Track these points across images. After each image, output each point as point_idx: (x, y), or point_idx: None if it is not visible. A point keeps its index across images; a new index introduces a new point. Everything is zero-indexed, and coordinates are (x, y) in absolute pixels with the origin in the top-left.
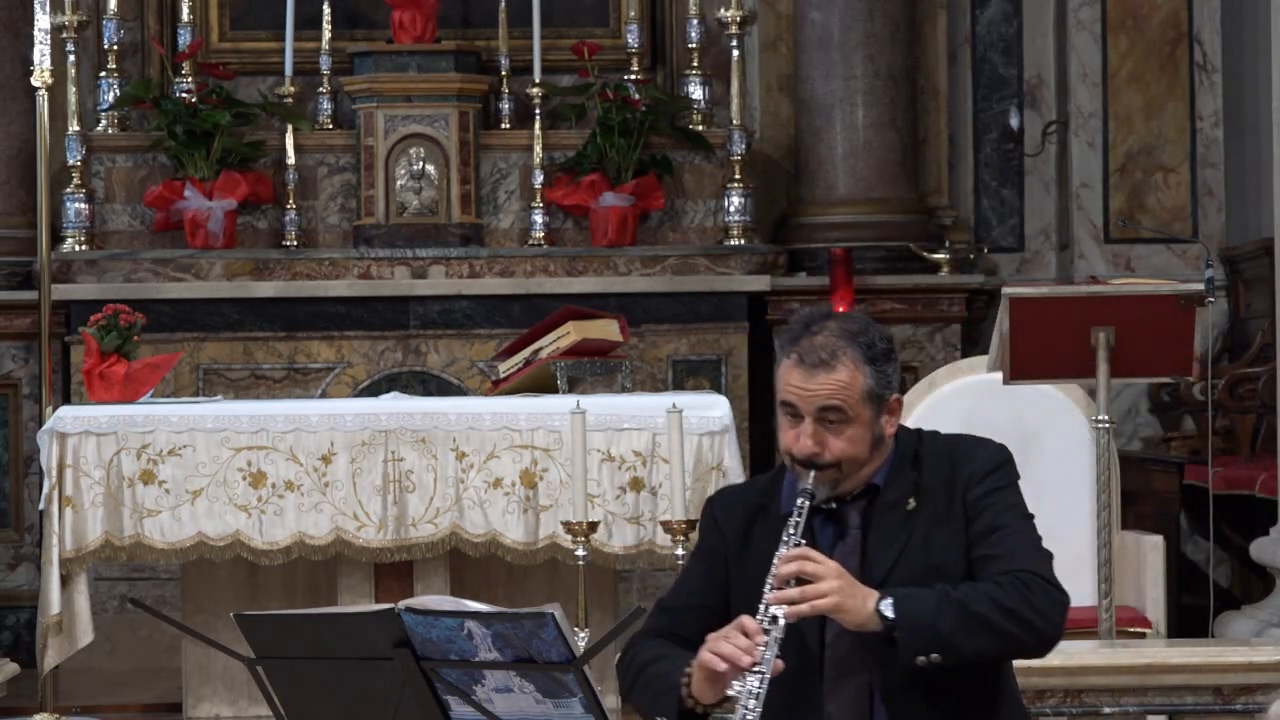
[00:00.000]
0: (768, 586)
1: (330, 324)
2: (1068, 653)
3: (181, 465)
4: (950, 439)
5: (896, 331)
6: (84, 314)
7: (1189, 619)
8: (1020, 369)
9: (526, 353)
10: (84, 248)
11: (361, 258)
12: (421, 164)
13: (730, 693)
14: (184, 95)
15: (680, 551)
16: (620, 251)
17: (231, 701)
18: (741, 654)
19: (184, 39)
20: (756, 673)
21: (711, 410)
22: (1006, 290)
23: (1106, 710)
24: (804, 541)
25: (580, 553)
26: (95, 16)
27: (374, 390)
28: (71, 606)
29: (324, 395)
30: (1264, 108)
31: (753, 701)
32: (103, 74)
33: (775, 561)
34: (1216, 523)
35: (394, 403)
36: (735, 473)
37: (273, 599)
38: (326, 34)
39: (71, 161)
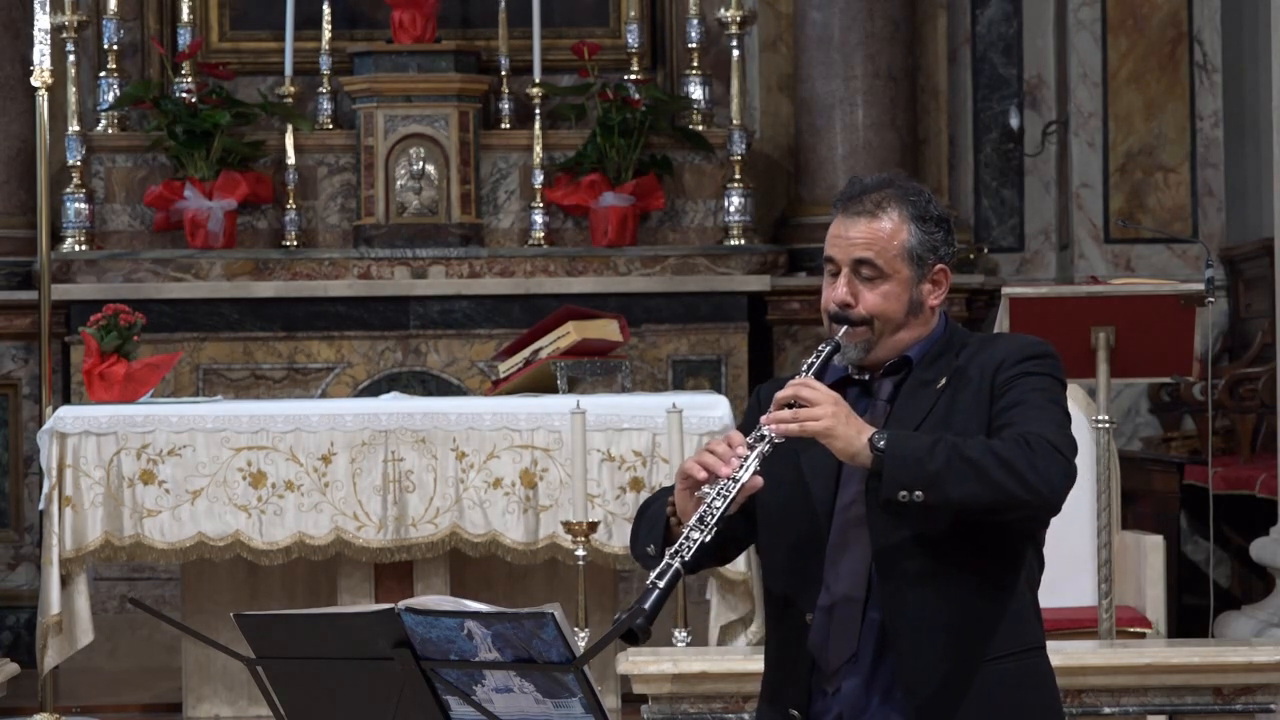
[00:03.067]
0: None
1: (330, 324)
2: (1068, 653)
3: (181, 465)
4: (1000, 335)
5: None
6: (84, 314)
7: (1189, 619)
8: None
9: (526, 353)
10: (84, 248)
11: (361, 258)
12: (421, 164)
13: (699, 493)
14: (184, 95)
15: None
16: (620, 251)
17: (231, 701)
18: (720, 462)
19: (184, 39)
20: (732, 479)
21: (711, 410)
22: (1006, 290)
23: (1106, 710)
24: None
25: (580, 553)
26: (95, 16)
27: (374, 390)
28: (71, 606)
29: (324, 395)
30: (1264, 108)
31: (719, 502)
32: (103, 74)
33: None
34: (1216, 523)
35: (394, 403)
36: None
37: (273, 599)
38: (326, 34)
39: (71, 161)
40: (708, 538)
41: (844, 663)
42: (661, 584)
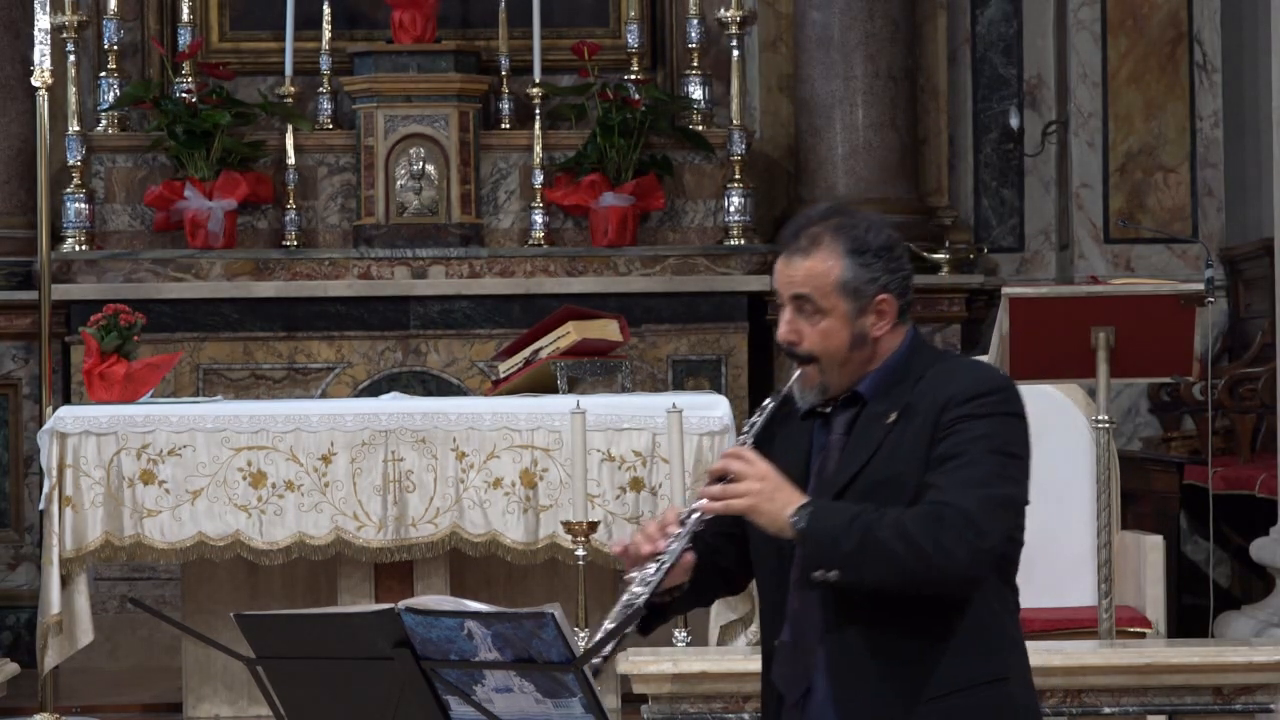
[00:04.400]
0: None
1: (330, 324)
2: (1068, 653)
3: (181, 465)
4: (959, 363)
5: None
6: (84, 314)
7: (1189, 619)
8: (1020, 369)
9: (526, 353)
10: (84, 248)
11: (361, 258)
12: (421, 164)
13: (627, 577)
14: (184, 95)
15: None
16: (620, 251)
17: (231, 701)
18: (644, 542)
19: (184, 39)
20: (657, 562)
21: (711, 410)
22: (1006, 290)
23: (1106, 710)
24: (748, 442)
25: (580, 553)
26: (95, 16)
27: (374, 390)
28: (71, 606)
29: (324, 395)
30: (1264, 108)
31: (640, 588)
32: (103, 74)
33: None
34: (1216, 523)
35: (394, 403)
36: None
37: (273, 599)
38: (326, 34)
39: (71, 161)
40: (629, 629)
41: (799, 698)
42: (593, 668)
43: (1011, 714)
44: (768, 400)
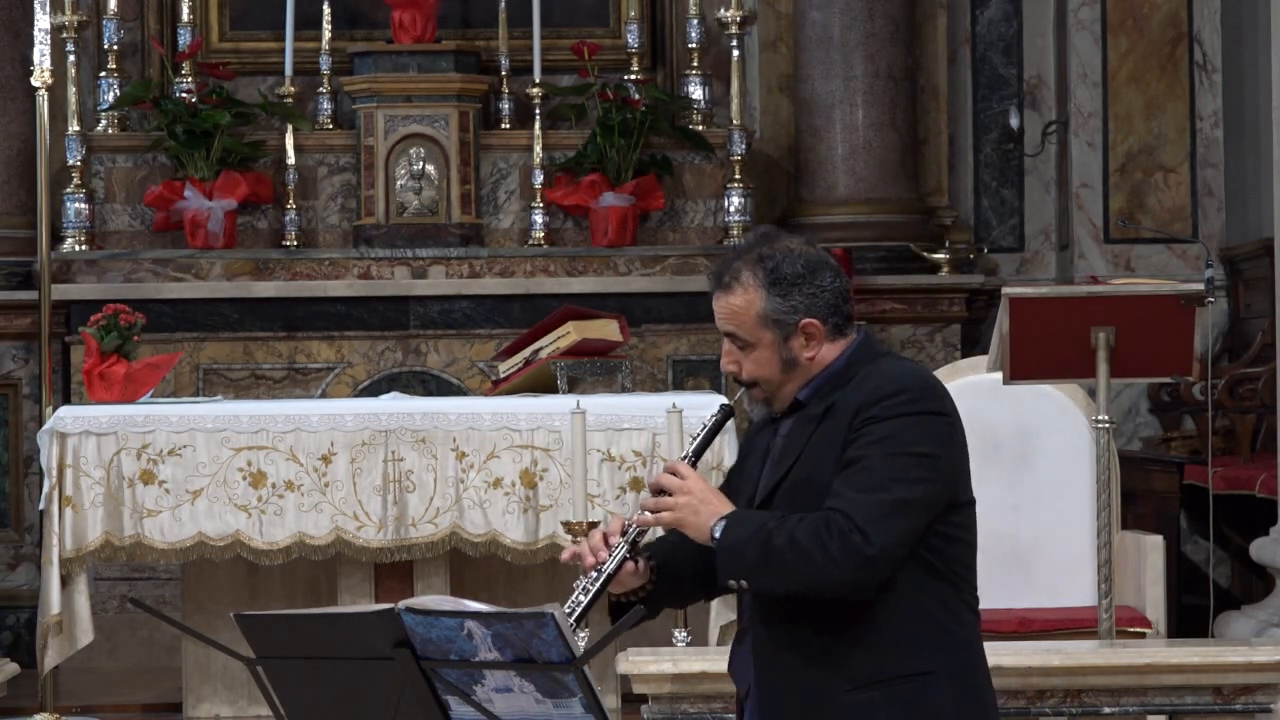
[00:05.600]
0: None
1: (330, 324)
2: (1068, 653)
3: (181, 465)
4: (880, 366)
5: (896, 332)
6: (84, 314)
7: (1189, 619)
8: (1020, 369)
9: (526, 353)
10: (84, 248)
11: (361, 258)
12: (421, 164)
13: (576, 584)
14: (184, 95)
15: None
16: (620, 251)
17: (231, 701)
18: (588, 553)
19: (184, 39)
20: (598, 572)
21: (711, 410)
22: (1006, 290)
23: (1106, 710)
24: (689, 456)
25: None
26: (95, 16)
27: (374, 390)
28: (71, 606)
29: (324, 395)
30: (1264, 108)
31: (583, 597)
32: (103, 74)
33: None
34: (1216, 523)
35: (394, 403)
36: None
37: (273, 599)
38: (326, 34)
39: (71, 161)
40: (579, 629)
41: (746, 692)
42: None
43: (933, 710)
44: (711, 414)
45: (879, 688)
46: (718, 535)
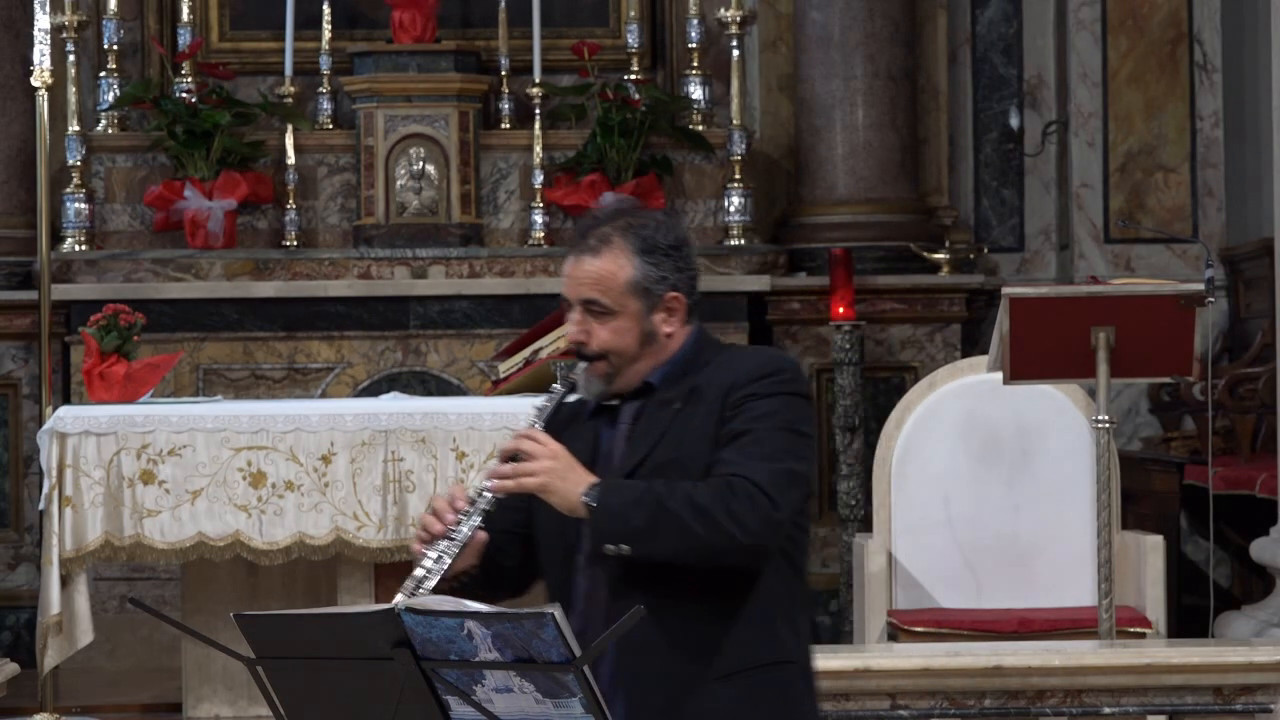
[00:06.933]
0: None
1: (330, 324)
2: (1068, 653)
3: (181, 465)
4: (744, 349)
5: (896, 331)
6: (84, 314)
7: (1189, 619)
8: (1020, 369)
9: (526, 353)
10: (84, 248)
11: (361, 258)
12: (421, 164)
13: (415, 549)
14: (184, 95)
15: None
16: None
17: (231, 701)
18: (434, 521)
19: (184, 39)
20: (448, 538)
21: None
22: (1006, 290)
23: (1106, 710)
24: (539, 425)
25: None
26: (95, 16)
27: (374, 390)
28: (71, 606)
29: (324, 395)
30: (1264, 108)
31: (430, 563)
32: (103, 74)
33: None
34: (1216, 523)
35: (394, 403)
36: None
37: (273, 599)
38: (326, 34)
39: (71, 161)
40: (428, 593)
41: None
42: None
43: (795, 699)
44: (555, 385)
45: (748, 674)
46: (592, 501)
